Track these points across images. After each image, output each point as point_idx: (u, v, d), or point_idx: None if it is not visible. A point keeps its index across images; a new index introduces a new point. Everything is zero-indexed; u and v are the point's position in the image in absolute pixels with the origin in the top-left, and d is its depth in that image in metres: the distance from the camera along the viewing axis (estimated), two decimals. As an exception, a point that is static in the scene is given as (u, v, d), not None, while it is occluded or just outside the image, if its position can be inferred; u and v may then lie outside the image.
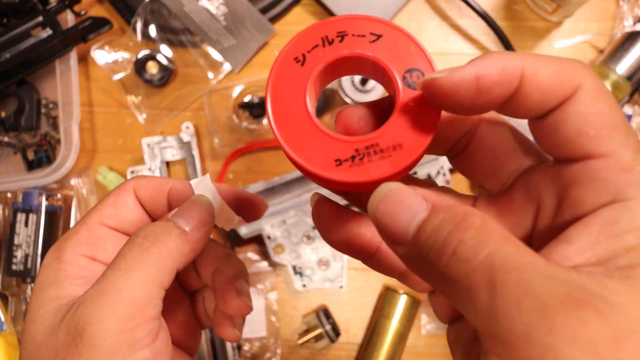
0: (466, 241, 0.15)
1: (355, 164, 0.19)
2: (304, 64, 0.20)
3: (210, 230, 0.26)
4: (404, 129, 0.19)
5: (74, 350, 0.21)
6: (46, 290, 0.24)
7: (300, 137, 0.19)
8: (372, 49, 0.20)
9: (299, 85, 0.20)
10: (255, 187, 0.57)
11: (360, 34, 0.20)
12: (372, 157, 0.19)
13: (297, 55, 0.20)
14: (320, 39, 0.20)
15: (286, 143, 0.19)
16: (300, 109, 0.20)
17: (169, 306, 0.29)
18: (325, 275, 0.58)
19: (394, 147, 0.19)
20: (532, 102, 0.17)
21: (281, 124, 0.20)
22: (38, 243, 0.58)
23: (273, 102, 0.20)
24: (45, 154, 0.60)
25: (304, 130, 0.19)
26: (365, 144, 0.19)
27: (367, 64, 0.20)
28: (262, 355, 0.61)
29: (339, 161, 0.19)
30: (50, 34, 0.55)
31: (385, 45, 0.20)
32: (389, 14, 0.61)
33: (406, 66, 0.19)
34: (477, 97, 0.18)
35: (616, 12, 0.62)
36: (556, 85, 0.17)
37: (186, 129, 0.59)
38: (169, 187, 0.28)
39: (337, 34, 0.20)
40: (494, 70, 0.17)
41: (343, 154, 0.19)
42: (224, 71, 0.61)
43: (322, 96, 0.57)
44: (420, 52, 0.19)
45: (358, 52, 0.20)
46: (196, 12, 0.60)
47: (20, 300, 0.60)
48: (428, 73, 0.19)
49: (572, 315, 0.14)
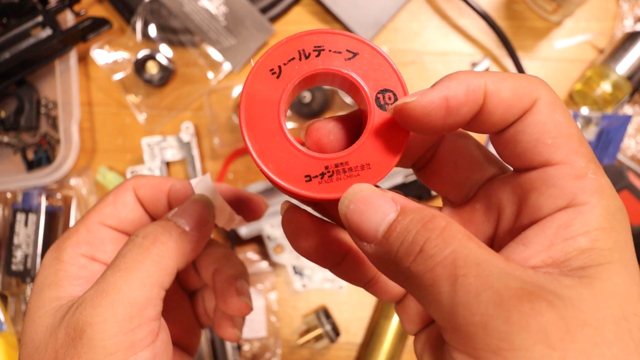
0: (432, 240, 0.16)
1: (325, 180, 0.20)
2: (280, 76, 0.20)
3: (211, 230, 0.26)
4: (374, 149, 0.20)
5: (74, 351, 0.21)
6: (45, 291, 0.24)
7: (273, 150, 0.20)
8: (347, 66, 0.20)
9: (273, 96, 0.20)
10: (255, 187, 0.57)
11: (337, 50, 0.20)
12: (341, 175, 0.20)
13: (273, 67, 0.20)
14: (297, 52, 0.20)
15: (258, 155, 0.20)
16: (273, 121, 0.20)
17: (169, 306, 0.29)
18: (325, 275, 0.58)
19: (362, 166, 0.20)
20: (496, 117, 0.19)
21: (254, 135, 0.20)
22: (38, 243, 0.57)
23: (246, 113, 0.20)
24: (45, 154, 0.60)
25: (276, 144, 0.20)
26: (335, 162, 0.20)
27: (343, 81, 0.20)
28: (262, 355, 0.61)
29: (309, 177, 0.20)
30: (50, 34, 0.55)
31: (360, 64, 0.20)
32: (389, 14, 0.61)
33: (379, 86, 0.20)
34: (446, 118, 0.18)
35: (616, 12, 0.62)
36: (516, 99, 0.18)
37: (186, 129, 0.59)
38: (169, 186, 0.28)
39: (314, 48, 0.20)
40: (460, 91, 0.18)
41: (313, 170, 0.20)
42: (224, 71, 0.61)
43: (322, 96, 0.57)
44: (393, 73, 0.20)
45: (334, 68, 0.20)
46: (196, 12, 0.60)
47: (20, 300, 0.60)
48: (400, 95, 0.20)
49: (526, 306, 0.15)
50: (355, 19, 0.60)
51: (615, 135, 0.58)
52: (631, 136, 0.61)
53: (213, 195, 0.27)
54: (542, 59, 0.62)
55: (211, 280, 0.28)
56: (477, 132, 0.20)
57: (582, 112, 0.57)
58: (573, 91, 0.61)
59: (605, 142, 0.58)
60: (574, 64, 0.62)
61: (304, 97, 0.57)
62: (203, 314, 0.31)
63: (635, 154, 0.61)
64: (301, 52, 0.20)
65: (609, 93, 0.57)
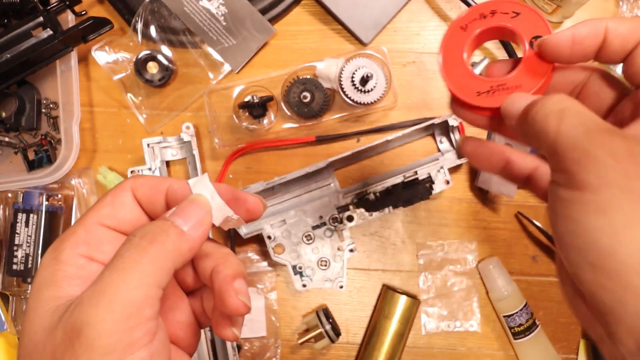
0: (546, 100, 0.24)
1: (489, 95, 0.28)
2: (466, 30, 0.30)
3: (208, 229, 0.26)
4: (524, 75, 0.28)
5: (71, 350, 0.21)
6: (43, 291, 0.24)
7: (457, 77, 0.29)
8: (512, 22, 0.29)
9: (460, 43, 0.30)
10: (255, 187, 0.57)
11: (505, 12, 0.29)
12: (502, 92, 0.28)
13: (462, 24, 0.30)
14: (479, 14, 0.29)
15: (448, 81, 0.29)
16: (459, 57, 0.30)
17: (167, 305, 0.29)
18: (325, 275, 0.58)
19: (516, 86, 0.28)
20: (616, 47, 0.25)
21: (447, 69, 0.30)
22: (39, 243, 0.58)
23: (444, 53, 0.30)
24: (45, 154, 0.60)
25: (460, 73, 0.29)
26: (497, 83, 0.28)
27: (508, 33, 0.29)
28: (262, 355, 0.61)
29: (479, 93, 0.29)
30: (51, 34, 0.55)
31: (521, 20, 0.28)
32: (389, 14, 0.61)
33: (533, 34, 0.28)
34: (573, 48, 0.25)
35: (616, 12, 0.62)
36: (631, 31, 0.24)
37: (186, 129, 0.59)
38: (166, 186, 0.28)
39: (490, 11, 0.29)
40: (584, 29, 0.25)
41: (483, 88, 0.29)
42: (224, 71, 0.62)
43: (322, 96, 0.57)
44: (545, 26, 0.28)
45: (503, 24, 0.29)
46: (196, 13, 0.60)
47: (20, 300, 0.60)
48: None
49: (605, 136, 0.21)
50: (355, 20, 0.60)
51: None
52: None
53: (211, 194, 0.27)
54: (542, 59, 0.62)
55: (209, 280, 0.28)
56: (605, 62, 0.26)
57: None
58: (573, 91, 0.61)
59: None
60: (573, 64, 0.62)
61: (304, 97, 0.57)
62: (202, 314, 0.31)
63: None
64: (481, 14, 0.29)
65: (609, 93, 0.57)
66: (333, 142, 0.62)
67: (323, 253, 0.58)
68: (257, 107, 0.58)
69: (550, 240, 0.61)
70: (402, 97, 0.62)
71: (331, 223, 0.58)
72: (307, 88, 0.57)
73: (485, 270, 0.60)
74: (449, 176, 0.58)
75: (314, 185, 0.60)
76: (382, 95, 0.57)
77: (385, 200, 0.57)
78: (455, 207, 0.62)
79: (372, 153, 0.62)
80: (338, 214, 0.58)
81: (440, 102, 0.62)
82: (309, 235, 0.58)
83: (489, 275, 0.60)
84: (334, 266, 0.58)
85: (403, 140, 0.62)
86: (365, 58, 0.56)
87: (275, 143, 0.60)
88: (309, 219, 0.58)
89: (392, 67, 0.59)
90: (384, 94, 0.57)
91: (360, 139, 0.62)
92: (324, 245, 0.58)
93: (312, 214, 0.58)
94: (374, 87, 0.56)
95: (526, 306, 0.59)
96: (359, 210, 0.58)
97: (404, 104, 0.62)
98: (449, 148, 0.61)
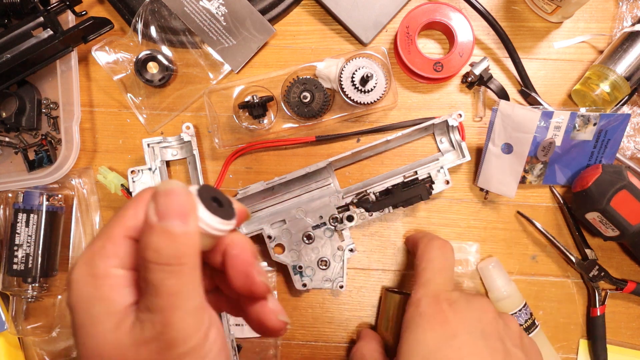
0: None
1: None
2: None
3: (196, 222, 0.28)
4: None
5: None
6: (96, 306, 0.25)
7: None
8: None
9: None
10: (255, 187, 0.57)
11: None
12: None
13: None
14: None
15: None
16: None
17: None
18: (325, 275, 0.58)
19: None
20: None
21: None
22: (39, 243, 0.58)
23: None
24: (46, 154, 0.60)
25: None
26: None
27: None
28: (262, 355, 0.61)
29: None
30: (51, 35, 0.55)
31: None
32: (389, 14, 0.61)
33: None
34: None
35: (616, 12, 0.62)
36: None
37: (186, 129, 0.59)
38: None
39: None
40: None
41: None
42: (224, 71, 0.62)
43: (322, 96, 0.57)
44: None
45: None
46: (196, 13, 0.60)
47: (20, 299, 0.60)
48: None
49: None
50: (355, 20, 0.60)
51: (613, 134, 0.58)
52: (630, 136, 0.61)
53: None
54: (541, 60, 0.62)
55: (221, 265, 0.30)
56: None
57: (580, 111, 0.57)
58: (572, 91, 0.61)
59: (604, 142, 0.58)
60: (573, 64, 0.62)
61: (304, 97, 0.57)
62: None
63: (635, 153, 0.61)
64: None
65: (608, 93, 0.57)
66: (333, 142, 0.62)
67: (323, 253, 0.58)
68: (257, 107, 0.58)
69: (550, 240, 0.61)
70: (402, 97, 0.62)
71: (331, 223, 0.58)
72: (307, 88, 0.57)
73: (485, 270, 0.60)
74: (449, 176, 0.58)
75: (314, 185, 0.60)
76: (382, 95, 0.57)
77: (385, 200, 0.57)
78: (455, 207, 0.62)
79: (372, 153, 0.62)
80: (338, 214, 0.58)
81: (440, 102, 0.62)
82: (309, 235, 0.58)
83: (488, 276, 0.60)
84: (334, 266, 0.58)
85: (403, 140, 0.62)
86: (365, 58, 0.57)
87: (275, 143, 0.60)
88: (309, 219, 0.58)
89: (392, 67, 0.59)
90: (384, 94, 0.57)
91: (360, 139, 0.62)
92: (324, 245, 0.58)
93: (312, 214, 0.58)
94: (374, 87, 0.56)
95: (526, 306, 0.59)
96: (359, 210, 0.58)
97: (404, 104, 0.62)
98: (448, 148, 0.61)
